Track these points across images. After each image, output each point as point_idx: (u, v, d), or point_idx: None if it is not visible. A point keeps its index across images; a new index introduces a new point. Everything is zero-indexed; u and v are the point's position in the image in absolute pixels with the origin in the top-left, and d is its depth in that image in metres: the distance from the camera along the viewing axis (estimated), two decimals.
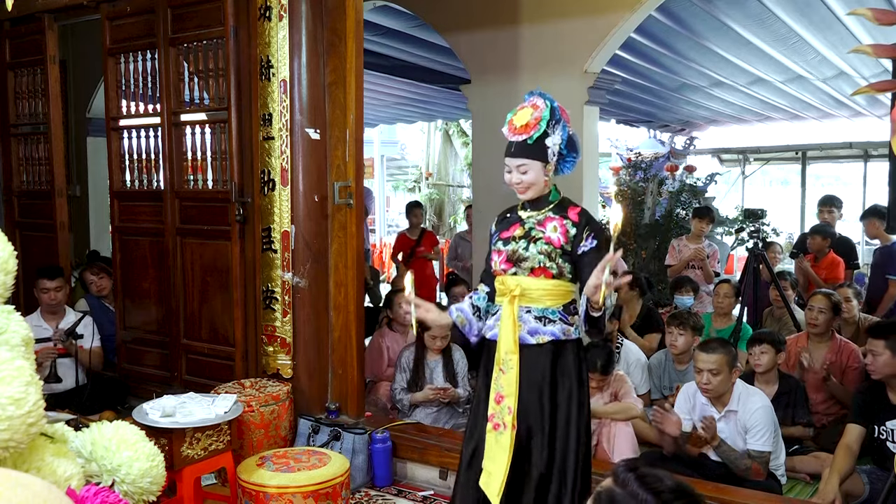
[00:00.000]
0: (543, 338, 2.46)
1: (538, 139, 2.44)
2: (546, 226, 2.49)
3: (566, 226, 2.48)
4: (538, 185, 2.49)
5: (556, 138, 2.46)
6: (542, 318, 2.46)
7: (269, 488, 2.90)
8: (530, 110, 2.46)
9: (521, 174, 2.47)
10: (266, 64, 3.72)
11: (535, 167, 2.46)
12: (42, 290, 4.39)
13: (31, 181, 5.15)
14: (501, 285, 2.52)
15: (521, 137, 2.45)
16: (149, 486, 2.12)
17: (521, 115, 2.48)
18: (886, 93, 3.24)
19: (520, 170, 2.47)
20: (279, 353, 3.83)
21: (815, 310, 4.33)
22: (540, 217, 2.53)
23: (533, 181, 2.47)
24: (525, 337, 2.46)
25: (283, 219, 3.76)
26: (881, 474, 3.28)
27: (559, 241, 2.46)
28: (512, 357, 2.44)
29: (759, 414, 3.34)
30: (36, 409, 1.65)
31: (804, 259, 5.83)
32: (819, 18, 5.80)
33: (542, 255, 2.44)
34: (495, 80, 5.86)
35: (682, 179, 9.29)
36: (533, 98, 2.50)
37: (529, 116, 2.45)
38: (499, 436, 2.45)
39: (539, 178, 2.48)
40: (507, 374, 2.45)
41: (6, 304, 1.94)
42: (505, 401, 2.45)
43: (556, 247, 2.45)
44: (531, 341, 2.46)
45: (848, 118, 11.24)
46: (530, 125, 2.44)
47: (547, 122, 2.43)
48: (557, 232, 2.47)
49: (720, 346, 3.43)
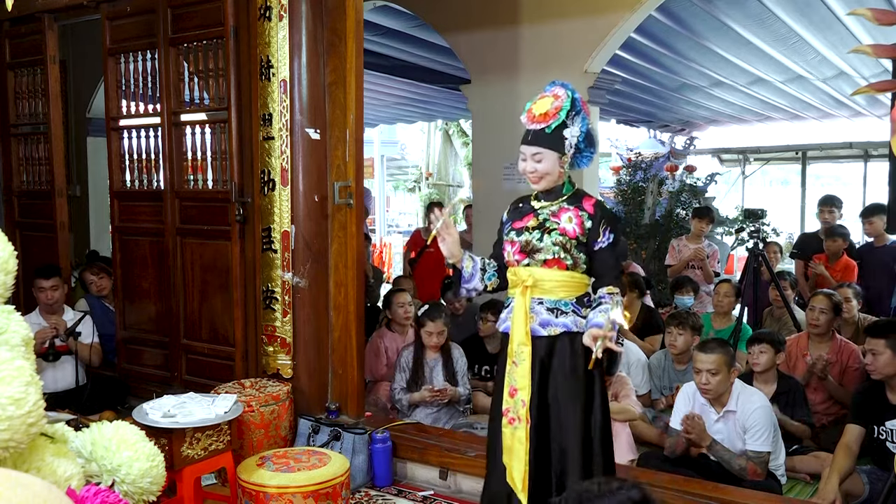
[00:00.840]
0: (556, 329, 2.43)
1: (556, 128, 2.41)
2: (561, 216, 2.46)
3: (582, 217, 2.45)
4: (552, 176, 2.46)
5: (574, 130, 2.44)
6: (554, 309, 2.44)
7: (269, 488, 2.90)
8: (551, 99, 2.44)
9: (536, 163, 2.44)
10: (266, 64, 3.72)
11: (551, 157, 2.43)
12: (38, 289, 4.40)
13: (31, 181, 5.15)
14: (514, 276, 2.49)
15: (539, 126, 2.43)
16: (149, 486, 2.12)
17: (542, 104, 2.45)
18: (886, 93, 3.24)
19: (534, 158, 2.44)
20: (279, 353, 3.83)
21: (817, 310, 4.32)
22: (554, 208, 2.49)
23: (547, 171, 2.44)
24: (536, 329, 2.43)
25: (283, 219, 3.76)
26: (881, 474, 3.28)
27: (574, 232, 2.43)
28: (524, 349, 2.42)
29: (757, 414, 3.34)
30: (36, 409, 1.65)
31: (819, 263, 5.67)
32: (819, 18, 5.81)
33: (556, 247, 2.41)
34: (495, 80, 5.87)
35: (682, 179, 9.29)
36: (555, 87, 2.47)
37: (549, 105, 2.42)
38: (515, 430, 2.43)
39: (554, 168, 2.44)
40: (520, 366, 2.43)
41: (6, 304, 1.94)
42: (518, 394, 2.43)
43: (572, 237, 2.43)
44: (543, 333, 2.43)
45: (848, 118, 11.24)
46: (549, 114, 2.41)
47: (567, 112, 2.41)
48: (573, 223, 2.44)
49: (718, 346, 3.43)
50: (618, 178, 9.40)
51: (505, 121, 5.80)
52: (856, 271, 5.63)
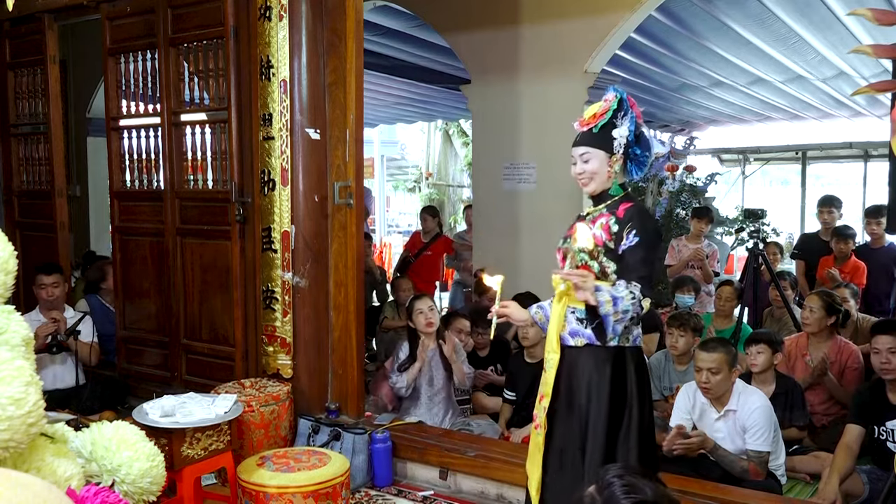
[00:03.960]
0: (581, 340, 2.40)
1: (603, 128, 2.40)
2: (596, 222, 2.43)
3: (609, 222, 2.40)
4: (601, 177, 2.43)
5: (623, 130, 2.41)
6: (583, 319, 2.40)
7: (269, 488, 2.90)
8: (602, 103, 2.43)
9: (584, 163, 2.42)
10: (266, 64, 3.72)
11: (599, 156, 2.41)
12: (39, 285, 4.40)
13: (31, 181, 5.15)
14: (554, 283, 2.47)
15: (588, 127, 2.42)
16: (149, 486, 2.12)
17: (592, 108, 2.45)
18: (886, 93, 3.24)
19: (582, 158, 2.43)
20: (279, 353, 3.83)
21: (808, 309, 4.32)
22: (595, 213, 2.47)
23: (595, 171, 2.42)
24: (566, 337, 2.43)
25: (283, 219, 3.76)
26: (881, 474, 3.28)
27: (601, 239, 2.38)
28: (553, 356, 2.41)
29: (757, 414, 3.33)
30: (36, 409, 1.65)
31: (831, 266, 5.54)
32: (819, 18, 5.81)
33: (583, 253, 2.39)
34: (495, 80, 5.86)
35: (682, 179, 9.28)
36: (608, 93, 2.46)
37: (598, 108, 2.42)
38: (537, 436, 2.43)
39: (602, 168, 2.42)
40: (548, 372, 2.43)
41: (6, 304, 1.94)
42: (544, 400, 2.43)
43: (599, 244, 2.38)
44: (570, 342, 2.42)
45: (848, 118, 11.24)
46: (597, 114, 2.41)
47: (614, 111, 2.40)
48: (601, 229, 2.40)
49: (720, 345, 3.42)
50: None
51: (505, 121, 5.81)
52: (865, 272, 5.55)
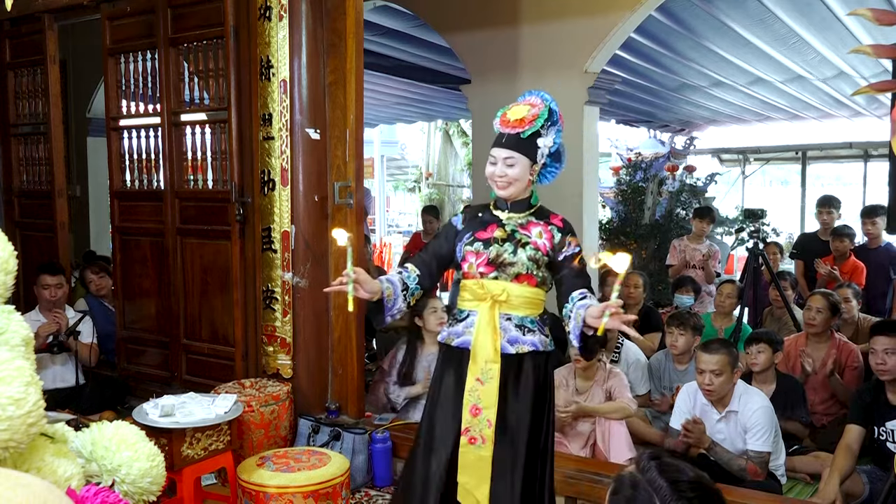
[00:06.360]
0: (523, 347, 2.36)
1: (531, 136, 2.37)
2: (531, 230, 2.40)
3: (552, 231, 2.40)
4: (521, 184, 2.40)
5: (548, 140, 2.40)
6: (521, 326, 2.37)
7: (269, 488, 2.90)
8: (527, 107, 2.40)
9: (507, 167, 2.38)
10: (266, 64, 3.72)
11: (523, 163, 2.38)
12: (43, 286, 4.39)
13: (31, 181, 5.15)
14: (480, 289, 2.39)
15: (515, 130, 2.39)
16: (149, 486, 2.12)
17: (517, 110, 2.41)
18: (886, 93, 3.25)
19: (506, 162, 2.38)
20: (279, 353, 3.83)
21: (813, 310, 4.32)
22: (522, 220, 2.43)
23: (517, 177, 2.38)
24: (504, 346, 2.36)
25: (283, 219, 3.76)
26: (881, 474, 3.28)
27: (545, 248, 2.38)
28: (493, 367, 2.34)
29: (758, 414, 3.33)
30: (36, 409, 1.65)
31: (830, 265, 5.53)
32: (819, 18, 5.80)
33: (530, 262, 2.36)
34: (495, 80, 5.86)
35: (682, 179, 9.31)
36: (530, 97, 2.45)
37: (526, 112, 2.39)
38: (477, 450, 2.35)
39: (524, 175, 2.38)
40: (487, 384, 2.34)
41: (6, 304, 1.94)
42: (483, 413, 2.35)
43: (544, 253, 2.37)
44: (511, 350, 2.36)
45: (848, 118, 11.24)
46: (526, 120, 2.37)
47: (544, 120, 2.38)
48: (543, 238, 2.39)
49: (722, 346, 3.42)
50: (618, 178, 9.41)
51: None
52: (864, 272, 5.55)
